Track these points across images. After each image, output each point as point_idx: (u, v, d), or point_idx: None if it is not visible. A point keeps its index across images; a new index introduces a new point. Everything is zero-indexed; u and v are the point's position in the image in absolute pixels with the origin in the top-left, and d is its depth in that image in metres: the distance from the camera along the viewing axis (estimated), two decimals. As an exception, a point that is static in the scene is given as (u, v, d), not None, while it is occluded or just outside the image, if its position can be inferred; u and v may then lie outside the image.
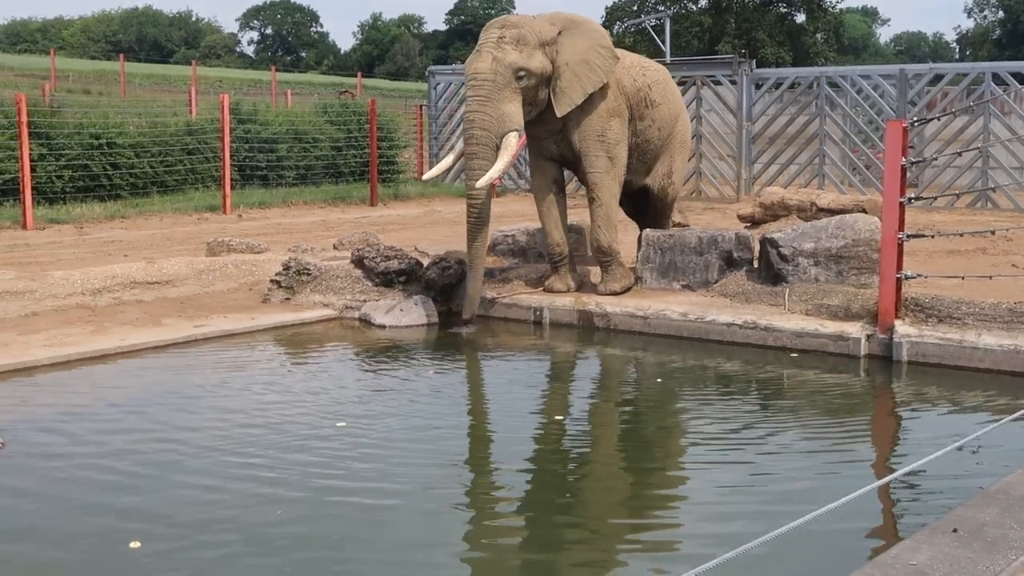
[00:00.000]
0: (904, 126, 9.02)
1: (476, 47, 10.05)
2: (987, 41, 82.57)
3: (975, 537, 4.06)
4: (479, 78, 9.78)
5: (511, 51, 9.87)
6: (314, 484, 6.00)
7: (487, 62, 9.80)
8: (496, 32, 9.99)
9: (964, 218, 17.04)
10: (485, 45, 9.94)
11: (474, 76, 9.81)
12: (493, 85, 9.76)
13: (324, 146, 22.70)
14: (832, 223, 10.28)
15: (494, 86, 9.76)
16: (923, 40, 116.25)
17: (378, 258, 11.10)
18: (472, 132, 9.79)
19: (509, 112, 9.87)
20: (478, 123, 9.77)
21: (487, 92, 9.76)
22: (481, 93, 9.76)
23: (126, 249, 13.70)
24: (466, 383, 8.72)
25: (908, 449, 6.94)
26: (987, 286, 9.63)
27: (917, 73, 20.03)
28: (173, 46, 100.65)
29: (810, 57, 55.93)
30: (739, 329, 9.53)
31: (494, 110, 9.79)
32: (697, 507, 5.93)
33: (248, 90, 48.00)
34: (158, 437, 6.85)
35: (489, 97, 9.76)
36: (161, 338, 9.33)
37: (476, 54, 9.95)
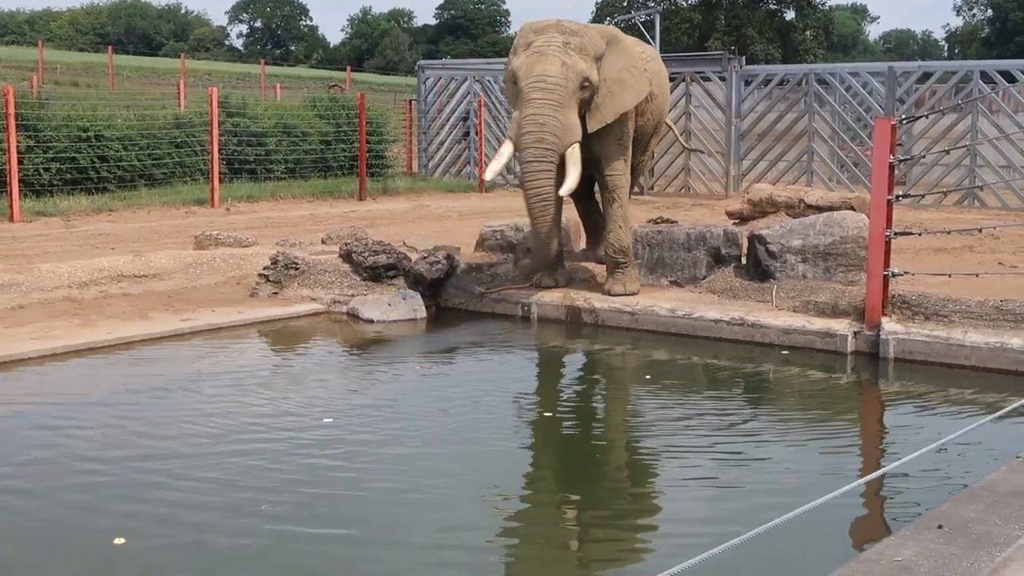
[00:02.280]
0: (892, 124, 9.04)
1: (532, 48, 9.68)
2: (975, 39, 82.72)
3: (960, 533, 4.08)
4: (549, 81, 9.46)
5: (579, 59, 9.65)
6: (300, 480, 5.99)
7: (557, 66, 9.50)
8: (559, 37, 9.67)
9: (951, 216, 17.08)
10: (549, 48, 9.60)
11: (543, 79, 9.46)
12: (564, 91, 9.51)
13: (313, 140, 22.64)
14: (820, 220, 10.30)
15: (565, 92, 9.51)
16: (912, 38, 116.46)
17: (366, 253, 11.09)
18: (543, 136, 9.46)
19: (575, 122, 9.69)
20: (550, 128, 9.47)
21: (559, 98, 9.49)
22: (553, 98, 9.47)
23: (113, 242, 13.66)
24: (454, 378, 8.71)
25: (894, 446, 6.96)
26: (974, 284, 9.65)
27: (906, 71, 20.06)
28: (162, 39, 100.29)
29: (799, 54, 56.00)
30: (727, 325, 9.55)
31: (564, 117, 9.55)
32: (681, 503, 5.94)
33: (237, 83, 47.88)
34: (143, 432, 6.83)
35: (561, 103, 9.50)
36: (148, 331, 9.30)
37: (538, 55, 9.58)
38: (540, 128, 9.44)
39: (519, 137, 9.57)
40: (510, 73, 9.83)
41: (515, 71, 9.68)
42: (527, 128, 9.50)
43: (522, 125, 9.51)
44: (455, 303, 10.96)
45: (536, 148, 9.49)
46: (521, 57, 9.70)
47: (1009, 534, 4.04)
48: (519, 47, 9.85)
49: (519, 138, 9.57)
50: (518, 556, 5.19)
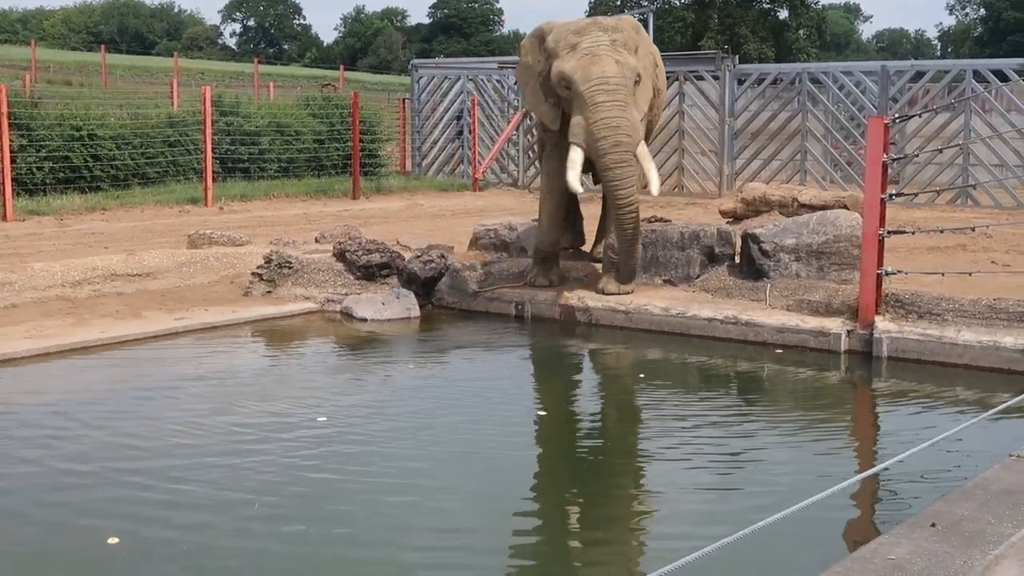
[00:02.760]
0: (885, 123, 9.05)
1: (580, 50, 9.50)
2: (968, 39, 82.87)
3: (953, 532, 4.08)
4: (611, 82, 9.36)
5: (627, 55, 9.57)
6: (293, 478, 5.99)
7: (613, 66, 9.40)
8: (604, 36, 9.57)
9: (944, 215, 17.11)
10: (599, 48, 9.47)
11: (605, 81, 9.34)
12: (626, 90, 9.44)
13: (306, 139, 22.63)
14: (813, 219, 10.31)
15: (627, 92, 9.45)
16: (905, 37, 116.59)
17: (360, 251, 11.08)
18: (619, 139, 9.35)
19: (637, 118, 9.62)
20: (624, 129, 9.37)
21: (623, 97, 9.41)
22: (619, 98, 9.38)
23: (107, 241, 13.64)
24: (447, 377, 8.71)
25: (887, 444, 6.97)
26: (967, 282, 9.67)
27: (899, 70, 20.08)
28: (155, 38, 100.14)
29: (793, 53, 55.99)
30: (720, 324, 9.55)
31: (631, 116, 9.49)
32: (676, 502, 5.94)
33: (230, 82, 47.79)
34: (136, 431, 6.83)
35: (625, 102, 9.43)
36: (141, 330, 9.29)
37: (591, 57, 9.43)
38: (615, 131, 9.32)
39: (594, 143, 9.37)
40: (559, 77, 9.58)
41: (567, 74, 9.47)
42: (602, 133, 9.33)
43: (594, 131, 9.33)
44: (449, 302, 10.96)
45: (616, 153, 9.34)
46: (570, 60, 9.49)
47: (1002, 532, 4.05)
48: (561, 50, 9.64)
49: (594, 144, 9.37)
50: (510, 554, 5.19)
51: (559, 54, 9.65)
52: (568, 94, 9.57)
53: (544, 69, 9.96)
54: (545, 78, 9.95)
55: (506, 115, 23.74)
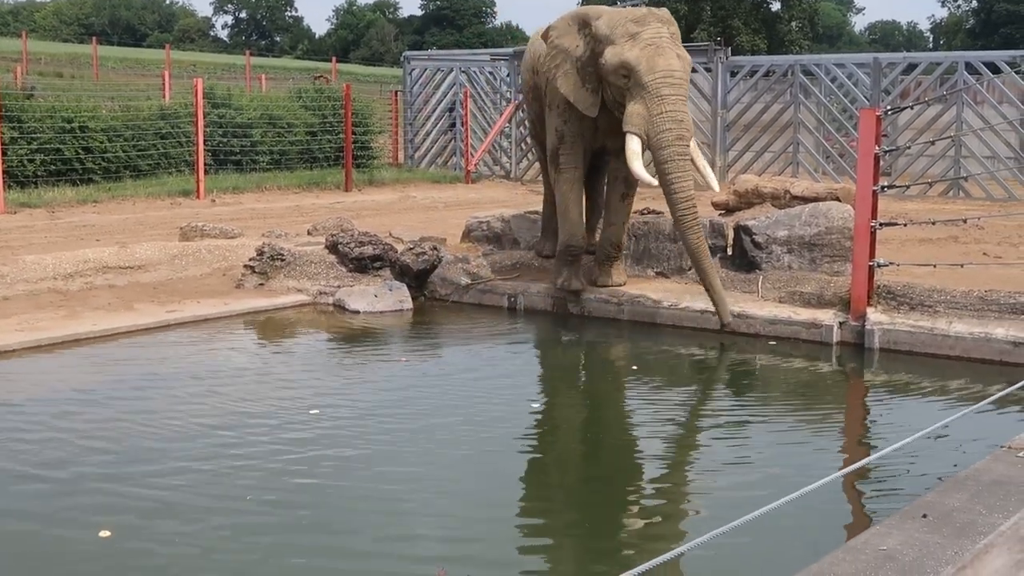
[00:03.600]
0: (877, 114, 9.06)
1: (642, 40, 9.29)
2: (960, 31, 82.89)
3: (944, 522, 4.09)
4: (676, 76, 9.25)
5: (682, 50, 9.51)
6: (286, 471, 5.99)
7: (676, 60, 9.30)
8: (664, 28, 9.44)
9: (936, 207, 17.12)
10: (662, 40, 9.32)
11: (671, 74, 9.20)
12: (686, 86, 9.39)
13: (299, 131, 22.59)
14: (806, 211, 10.32)
15: (686, 87, 9.39)
16: (897, 29, 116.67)
17: (352, 244, 11.07)
18: (683, 133, 9.21)
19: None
20: (687, 124, 9.29)
21: (684, 92, 9.34)
22: (682, 93, 9.29)
23: (98, 234, 13.62)
24: (440, 370, 8.71)
25: (879, 436, 6.98)
26: (958, 274, 9.69)
27: (891, 62, 20.10)
28: (146, 29, 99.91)
29: (785, 45, 55.96)
30: (713, 316, 9.55)
31: (688, 112, 9.45)
32: (666, 493, 5.96)
33: (222, 74, 47.72)
34: (128, 424, 6.81)
35: (685, 97, 9.35)
36: (133, 323, 9.28)
37: (655, 48, 9.25)
38: (679, 125, 9.21)
39: (657, 135, 9.20)
40: (619, 64, 9.35)
41: (630, 63, 9.27)
42: (667, 125, 9.18)
43: (658, 122, 9.18)
44: (441, 294, 10.96)
45: (679, 145, 9.21)
46: (633, 49, 9.30)
47: (993, 523, 4.06)
48: (618, 37, 9.43)
49: (657, 135, 9.20)
50: (501, 544, 5.20)
51: (615, 41, 9.44)
52: (626, 83, 9.39)
53: (585, 54, 9.77)
54: (585, 64, 9.78)
55: (498, 107, 23.72)
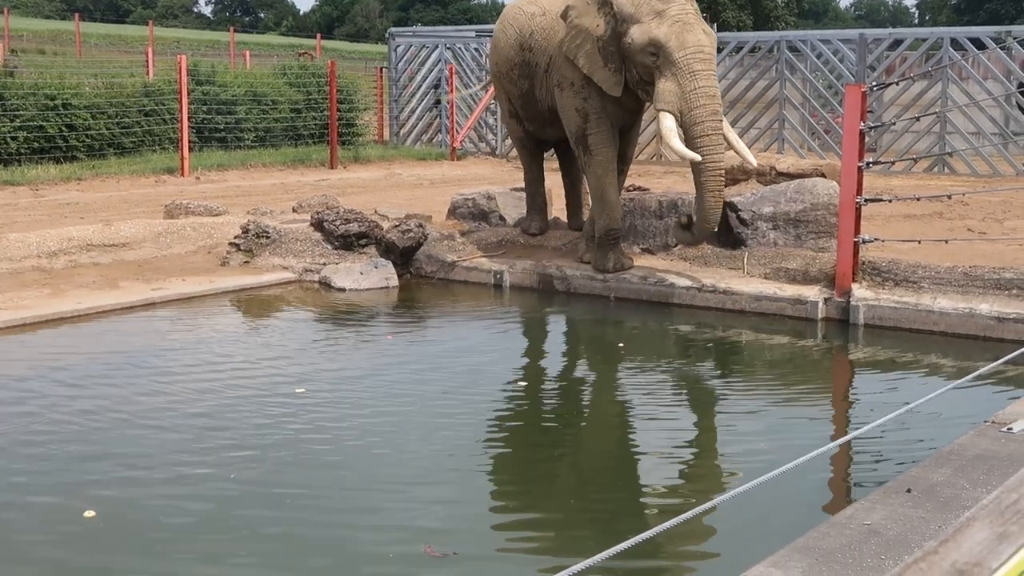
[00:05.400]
0: (863, 91, 9.06)
1: (669, 16, 9.20)
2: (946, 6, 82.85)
3: (928, 497, 4.12)
4: (706, 51, 9.19)
5: (708, 26, 9.45)
6: (271, 450, 5.99)
7: (705, 36, 9.25)
8: (689, 5, 9.36)
9: (921, 183, 17.16)
10: (688, 16, 9.25)
11: (701, 49, 9.14)
12: (714, 61, 9.32)
13: (283, 108, 22.50)
14: (791, 187, 10.33)
15: (714, 61, 9.33)
16: (883, 5, 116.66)
17: (338, 221, 11.05)
18: (716, 108, 9.16)
19: None
20: (718, 100, 9.27)
21: (714, 67, 9.30)
22: (712, 68, 9.24)
23: (82, 212, 13.56)
24: (426, 347, 8.71)
25: (863, 411, 7.01)
26: (943, 250, 9.72)
27: (876, 38, 20.10)
28: (130, 6, 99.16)
29: (771, 21, 55.89)
30: (698, 293, 9.58)
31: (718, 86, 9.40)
32: (654, 470, 5.97)
33: (206, 51, 47.48)
34: (113, 402, 6.80)
35: (715, 73, 9.32)
36: (118, 301, 9.25)
37: (683, 24, 9.17)
38: (712, 100, 9.15)
39: (691, 110, 9.12)
40: (647, 42, 9.23)
41: (659, 40, 9.16)
42: (701, 101, 9.10)
43: (692, 98, 9.10)
44: (427, 272, 10.95)
45: (713, 120, 9.14)
46: (661, 26, 9.20)
47: (977, 497, 4.08)
48: (644, 15, 9.32)
49: (691, 111, 9.12)
50: (486, 521, 5.21)
51: (641, 19, 9.34)
52: (655, 61, 9.28)
53: (607, 33, 9.64)
54: (607, 43, 9.64)
55: (484, 84, 23.63)
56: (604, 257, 10.14)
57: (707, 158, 9.08)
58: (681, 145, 9.12)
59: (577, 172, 11.28)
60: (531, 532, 5.14)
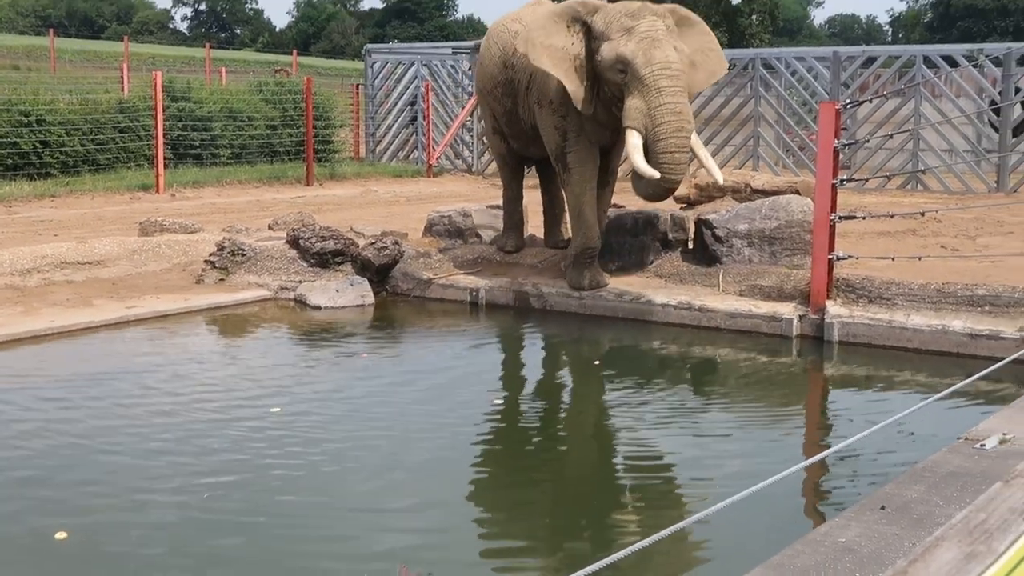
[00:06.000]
0: (837, 108, 9.11)
1: (638, 33, 9.18)
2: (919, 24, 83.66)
3: (902, 514, 4.13)
4: (674, 68, 9.10)
5: (680, 42, 9.39)
6: (246, 468, 5.96)
7: (673, 52, 9.17)
8: (659, 21, 9.31)
9: (895, 200, 17.27)
10: (658, 33, 9.20)
11: (668, 66, 9.06)
12: (684, 77, 9.21)
13: (259, 125, 22.46)
14: (766, 204, 10.38)
15: (684, 78, 9.23)
16: (856, 23, 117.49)
17: (313, 239, 11.03)
18: (682, 125, 9.06)
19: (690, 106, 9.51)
20: (686, 115, 9.14)
21: (683, 84, 9.18)
22: (680, 84, 9.12)
23: (56, 229, 13.49)
24: (401, 365, 8.70)
25: (838, 428, 7.04)
26: (917, 267, 9.77)
27: (850, 55, 20.25)
28: (104, 22, 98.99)
29: (745, 39, 56.20)
30: (674, 310, 9.60)
31: (688, 103, 9.32)
32: (628, 488, 5.98)
33: (182, 67, 47.35)
34: (86, 422, 6.76)
35: (683, 89, 9.19)
36: (92, 319, 9.20)
37: (651, 41, 9.14)
38: (679, 117, 9.07)
39: (656, 127, 9.07)
40: (616, 59, 9.24)
41: (626, 57, 9.16)
42: (666, 117, 9.04)
43: (656, 115, 9.05)
44: (403, 289, 10.94)
45: (678, 137, 9.07)
46: (628, 43, 9.20)
47: (950, 514, 4.10)
48: (614, 32, 9.34)
49: (656, 128, 9.07)
50: (460, 543, 5.20)
51: (611, 36, 9.35)
52: (623, 78, 9.28)
53: (581, 52, 9.66)
54: (583, 60, 9.65)
55: (460, 101, 23.68)
56: (580, 275, 10.14)
57: (666, 175, 9.07)
58: (643, 162, 9.12)
59: (556, 190, 11.28)
60: (507, 554, 5.13)
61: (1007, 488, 4.31)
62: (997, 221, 13.81)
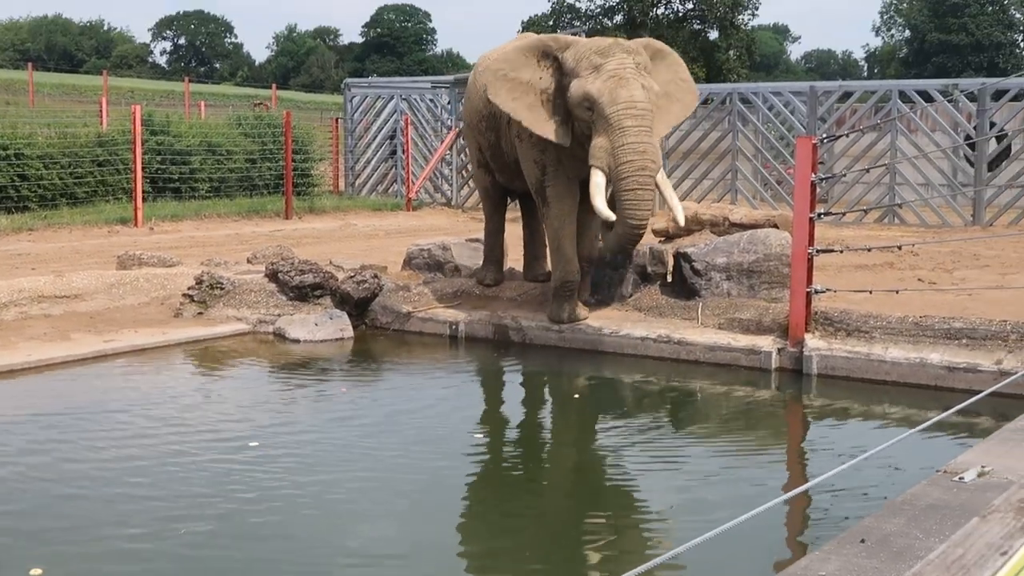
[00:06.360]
0: (814, 142, 9.18)
1: (605, 71, 9.21)
2: (894, 60, 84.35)
3: (882, 547, 4.13)
4: (639, 107, 9.10)
5: (651, 80, 9.40)
6: (225, 504, 5.92)
7: (640, 90, 9.17)
8: (629, 58, 9.32)
9: (872, 233, 17.36)
10: (626, 71, 9.22)
11: (633, 105, 9.07)
12: (651, 116, 9.22)
13: (238, 158, 22.47)
14: (744, 238, 10.41)
15: (651, 116, 9.23)
16: (833, 58, 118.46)
17: (292, 272, 11.01)
18: (645, 164, 9.04)
19: (658, 145, 9.49)
20: (650, 155, 9.10)
21: (650, 123, 9.18)
22: (645, 124, 9.11)
23: (34, 263, 13.43)
24: (380, 399, 8.67)
25: (818, 461, 7.04)
26: (894, 300, 9.81)
27: (827, 90, 20.41)
28: (84, 55, 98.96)
29: (723, 73, 56.57)
30: (653, 343, 9.61)
31: (655, 142, 9.31)
32: (607, 523, 5.96)
33: (161, 101, 47.40)
34: (63, 456, 6.71)
35: (650, 128, 9.19)
36: (70, 353, 9.15)
37: (618, 79, 9.16)
38: (641, 156, 9.05)
39: (618, 166, 9.08)
40: (582, 97, 9.29)
41: (592, 96, 9.20)
42: (628, 156, 9.04)
43: (619, 154, 9.06)
44: (382, 322, 10.92)
45: (640, 176, 9.05)
46: (595, 81, 9.23)
47: (930, 547, 4.11)
48: (583, 69, 9.37)
49: (618, 167, 9.09)
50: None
51: (580, 73, 9.38)
52: (590, 116, 9.31)
53: (551, 86, 9.71)
54: (553, 95, 9.69)
55: (440, 134, 23.74)
56: (560, 308, 10.14)
57: (627, 217, 9.08)
58: (602, 205, 9.17)
59: (538, 224, 11.30)
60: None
61: (984, 523, 4.32)
62: (973, 255, 13.91)
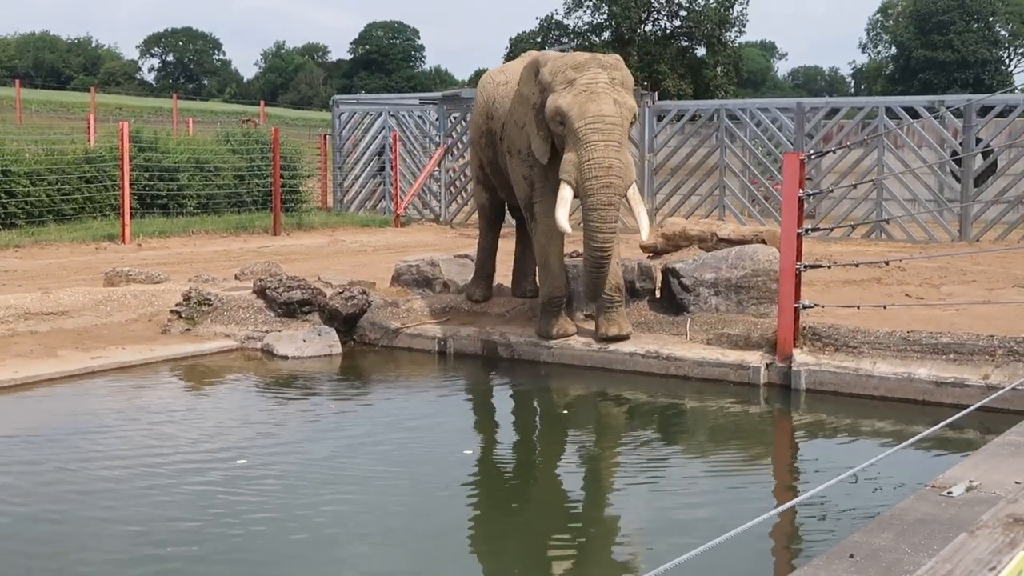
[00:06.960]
0: (801, 158, 9.20)
1: (578, 86, 9.21)
2: (881, 76, 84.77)
3: (871, 562, 4.13)
4: (608, 122, 9.08)
5: (627, 95, 9.38)
6: (212, 522, 5.89)
7: (611, 105, 9.14)
8: (603, 73, 9.30)
9: (860, 249, 17.41)
10: (598, 86, 9.21)
11: (601, 119, 9.06)
12: (622, 131, 9.20)
13: (226, 175, 22.46)
14: (732, 253, 10.43)
15: (622, 131, 9.21)
16: (820, 74, 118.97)
17: (281, 288, 10.99)
18: (611, 180, 9.04)
19: (630, 159, 9.43)
20: (616, 171, 9.07)
21: (619, 138, 9.15)
22: (614, 139, 9.08)
23: (21, 279, 13.39)
24: (369, 415, 8.65)
25: (806, 476, 7.05)
26: (882, 315, 9.83)
27: (814, 107, 20.48)
28: (71, 72, 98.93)
29: (711, 90, 56.78)
30: (641, 359, 9.61)
31: (624, 157, 9.24)
32: (595, 540, 5.95)
33: (149, 118, 47.36)
34: (46, 475, 6.67)
35: (620, 143, 9.15)
36: (56, 370, 9.12)
37: (589, 94, 9.15)
38: (607, 172, 9.04)
39: (584, 182, 9.10)
40: (554, 111, 9.29)
41: (563, 110, 9.21)
42: (594, 172, 9.05)
43: (585, 169, 9.07)
44: (371, 339, 10.91)
45: (605, 194, 9.07)
46: (567, 95, 9.23)
47: (919, 562, 4.11)
48: (557, 84, 9.36)
49: (584, 183, 9.11)
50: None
51: (555, 88, 9.38)
52: (562, 130, 9.32)
53: (538, 102, 9.70)
54: (538, 110, 9.68)
55: (428, 151, 23.76)
56: (548, 324, 10.14)
57: (592, 234, 9.12)
58: (562, 218, 9.22)
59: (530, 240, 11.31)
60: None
61: (972, 539, 4.33)
62: (960, 270, 13.95)
